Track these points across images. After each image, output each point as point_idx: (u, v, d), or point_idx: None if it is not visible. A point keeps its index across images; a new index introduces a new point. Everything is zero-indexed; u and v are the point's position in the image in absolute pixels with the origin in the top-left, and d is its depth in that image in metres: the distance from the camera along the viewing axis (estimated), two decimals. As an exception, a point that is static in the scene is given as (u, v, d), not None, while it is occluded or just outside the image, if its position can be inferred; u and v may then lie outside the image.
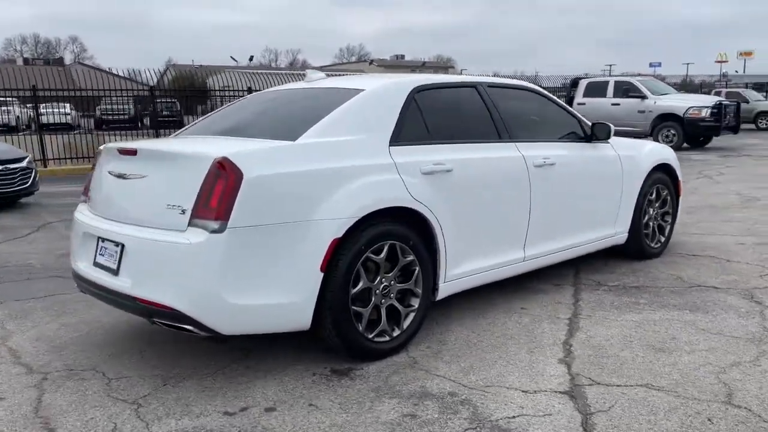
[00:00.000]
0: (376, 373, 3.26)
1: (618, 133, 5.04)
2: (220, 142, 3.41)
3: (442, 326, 3.87)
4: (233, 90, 16.82)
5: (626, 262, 5.26)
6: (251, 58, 65.54)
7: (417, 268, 3.50)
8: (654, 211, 5.35)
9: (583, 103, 16.88)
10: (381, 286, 3.36)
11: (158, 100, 20.21)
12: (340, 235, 3.14)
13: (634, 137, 6.67)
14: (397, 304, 3.45)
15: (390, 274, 3.40)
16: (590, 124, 4.81)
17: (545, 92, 4.72)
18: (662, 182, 5.38)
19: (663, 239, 5.49)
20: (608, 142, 4.89)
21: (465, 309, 4.16)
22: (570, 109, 4.85)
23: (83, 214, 3.66)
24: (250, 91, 16.80)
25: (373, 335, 3.34)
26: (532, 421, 2.72)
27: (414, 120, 3.68)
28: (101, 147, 3.76)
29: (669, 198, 5.49)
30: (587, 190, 4.66)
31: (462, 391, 3.02)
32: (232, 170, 2.92)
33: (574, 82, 18.36)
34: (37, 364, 3.49)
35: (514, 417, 2.76)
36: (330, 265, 3.13)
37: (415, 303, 3.53)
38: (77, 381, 3.25)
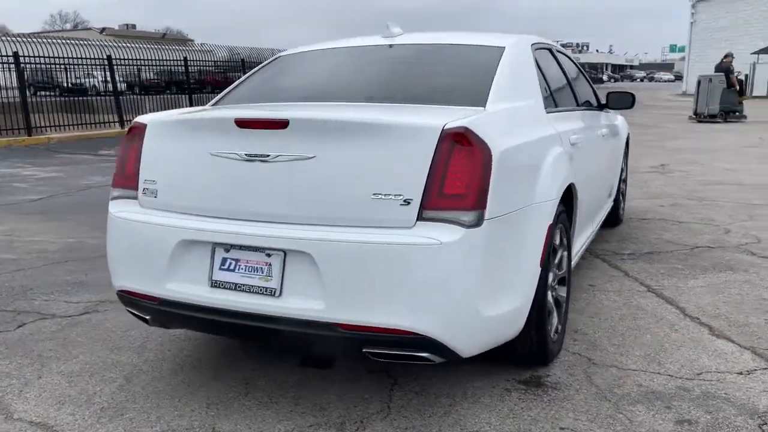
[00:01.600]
0: (567, 377, 2.80)
1: None
2: (394, 109, 2.55)
3: (551, 314, 3.50)
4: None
5: (604, 230, 5.36)
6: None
7: (565, 252, 3.09)
8: (622, 178, 5.53)
9: None
10: (553, 275, 2.90)
11: None
12: (552, 220, 2.60)
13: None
14: (561, 296, 3.01)
15: (556, 261, 2.94)
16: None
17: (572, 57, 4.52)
18: (624, 152, 5.57)
19: (624, 205, 5.71)
20: (609, 112, 4.88)
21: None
22: (586, 75, 4.73)
23: (146, 215, 2.54)
24: (15, 56, 13.84)
25: (552, 334, 2.87)
26: (799, 404, 2.55)
27: (542, 83, 3.21)
28: (144, 120, 2.64)
29: (625, 166, 5.72)
30: (611, 160, 4.60)
31: (686, 385, 2.72)
32: (479, 144, 2.20)
33: None
34: (113, 439, 2.36)
35: (778, 404, 2.56)
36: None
37: (563, 292, 3.12)
38: (218, 454, 2.26)
